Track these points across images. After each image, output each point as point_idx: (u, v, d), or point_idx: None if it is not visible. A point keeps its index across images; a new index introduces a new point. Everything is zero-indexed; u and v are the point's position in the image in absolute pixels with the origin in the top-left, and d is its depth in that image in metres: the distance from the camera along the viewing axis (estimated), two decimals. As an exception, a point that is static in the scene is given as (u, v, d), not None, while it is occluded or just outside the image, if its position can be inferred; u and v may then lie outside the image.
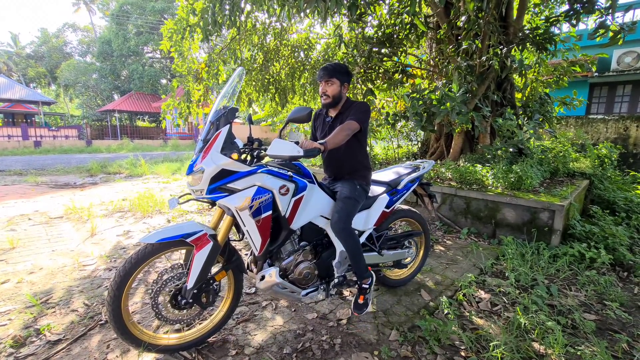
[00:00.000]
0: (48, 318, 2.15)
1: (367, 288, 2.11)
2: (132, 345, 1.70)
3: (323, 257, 2.08)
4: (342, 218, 1.97)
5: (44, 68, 34.67)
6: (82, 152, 16.75)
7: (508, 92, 5.52)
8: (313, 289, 2.03)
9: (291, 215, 1.86)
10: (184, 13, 4.82)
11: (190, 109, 5.61)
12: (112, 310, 1.59)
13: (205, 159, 1.63)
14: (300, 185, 1.87)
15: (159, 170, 8.92)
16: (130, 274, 1.61)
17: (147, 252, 1.64)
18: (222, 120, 1.71)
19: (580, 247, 3.16)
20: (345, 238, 1.99)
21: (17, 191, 6.30)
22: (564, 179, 4.69)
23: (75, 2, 35.96)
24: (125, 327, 1.64)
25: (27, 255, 3.17)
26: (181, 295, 1.71)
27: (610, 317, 2.28)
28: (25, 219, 4.43)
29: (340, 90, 2.10)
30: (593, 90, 10.70)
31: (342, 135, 1.90)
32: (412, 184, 2.54)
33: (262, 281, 1.86)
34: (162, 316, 1.72)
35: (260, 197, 1.71)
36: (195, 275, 1.67)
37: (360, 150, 2.20)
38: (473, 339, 1.98)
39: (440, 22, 5.18)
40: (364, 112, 2.05)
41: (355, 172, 2.18)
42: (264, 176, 1.75)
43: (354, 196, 2.06)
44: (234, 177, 1.68)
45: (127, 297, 1.64)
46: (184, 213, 4.81)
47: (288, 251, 1.97)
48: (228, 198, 1.68)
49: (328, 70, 2.08)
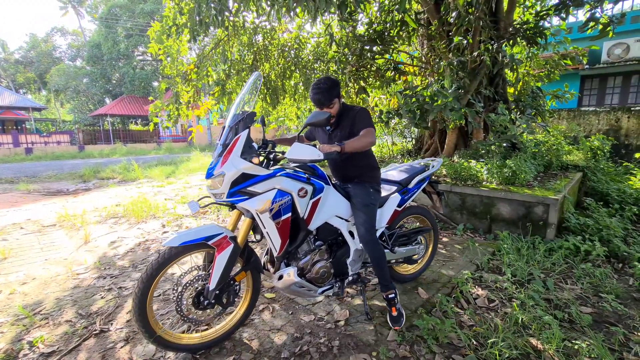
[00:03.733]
0: (41, 330, 2.12)
1: (393, 298, 2.13)
2: (160, 347, 1.76)
3: (337, 255, 2.13)
4: (369, 229, 2.03)
5: (34, 73, 34.22)
6: (74, 157, 16.57)
7: (500, 87, 5.53)
8: (329, 287, 2.09)
9: (309, 217, 1.90)
10: (170, 13, 4.77)
11: (180, 110, 5.55)
12: (139, 315, 1.64)
13: (226, 163, 1.66)
14: (317, 187, 1.92)
15: (152, 174, 8.85)
16: (154, 278, 1.65)
17: (172, 255, 1.67)
18: (240, 124, 1.74)
19: (575, 240, 3.18)
20: (372, 248, 2.05)
21: (9, 200, 6.21)
22: (557, 172, 4.71)
23: (62, 6, 35.38)
24: (152, 330, 1.69)
25: (19, 265, 3.12)
26: (203, 296, 1.76)
27: (607, 310, 2.29)
28: (17, 228, 4.36)
29: (340, 104, 2.09)
30: (584, 83, 10.77)
31: (366, 142, 1.90)
32: (423, 182, 2.56)
33: (280, 280, 1.91)
34: (185, 317, 1.77)
35: (280, 200, 1.75)
36: (217, 276, 1.72)
37: (368, 152, 2.20)
38: (471, 336, 1.98)
39: (431, 18, 5.17)
40: (369, 117, 2.06)
41: (364, 173, 2.18)
42: (283, 179, 1.79)
43: (371, 202, 2.09)
44: (254, 181, 1.71)
45: (151, 300, 1.68)
46: (178, 217, 4.77)
47: (305, 251, 2.01)
48: (249, 201, 1.70)
49: (325, 95, 1.94)
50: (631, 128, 7.15)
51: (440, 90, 4.17)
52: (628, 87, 10.21)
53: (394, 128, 6.82)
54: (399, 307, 2.13)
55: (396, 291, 2.19)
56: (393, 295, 2.13)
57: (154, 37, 5.21)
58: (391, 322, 2.10)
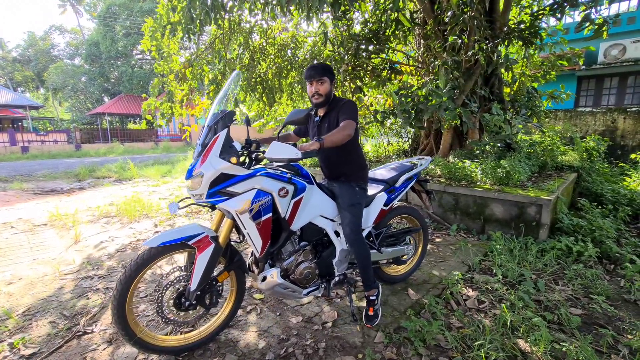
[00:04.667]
0: (24, 331, 2.08)
1: (374, 299, 2.14)
2: (141, 349, 1.73)
3: (323, 256, 2.10)
4: (354, 229, 2.01)
5: (32, 72, 34.08)
6: (70, 156, 16.48)
7: (496, 87, 5.52)
8: (314, 288, 2.06)
9: (291, 217, 1.87)
10: (163, 11, 4.73)
11: (174, 109, 5.51)
12: (117, 317, 1.60)
13: (204, 163, 1.63)
14: (299, 186, 1.88)
15: (148, 174, 8.80)
16: (132, 279, 1.62)
17: (151, 255, 1.65)
18: (219, 124, 1.71)
19: (568, 240, 3.16)
20: (358, 248, 2.04)
21: (1, 198, 6.16)
22: (552, 172, 4.70)
23: (61, 4, 35.36)
24: (132, 332, 1.65)
25: (6, 265, 3.09)
26: (185, 297, 1.73)
27: (596, 312, 2.27)
28: (7, 227, 4.32)
29: (331, 88, 2.08)
30: (581, 83, 10.78)
31: (343, 134, 1.86)
32: (410, 181, 2.54)
33: (263, 282, 1.88)
34: (166, 318, 1.74)
35: (260, 200, 1.72)
36: (198, 277, 1.69)
37: (355, 149, 2.17)
38: (458, 338, 1.96)
39: (427, 17, 5.15)
40: (355, 110, 2.03)
41: (351, 172, 2.15)
42: (263, 179, 1.75)
43: (356, 202, 2.07)
44: (233, 181, 1.69)
45: (131, 302, 1.65)
46: (171, 217, 4.74)
47: (288, 252, 1.98)
48: (228, 202, 1.68)
49: (318, 69, 2.03)
50: (627, 129, 7.15)
51: (434, 90, 4.15)
52: (624, 88, 10.22)
53: (391, 128, 6.80)
54: (376, 308, 2.13)
55: (379, 292, 2.18)
56: (374, 297, 2.13)
57: (147, 33, 5.18)
58: (366, 320, 2.10)
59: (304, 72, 2.11)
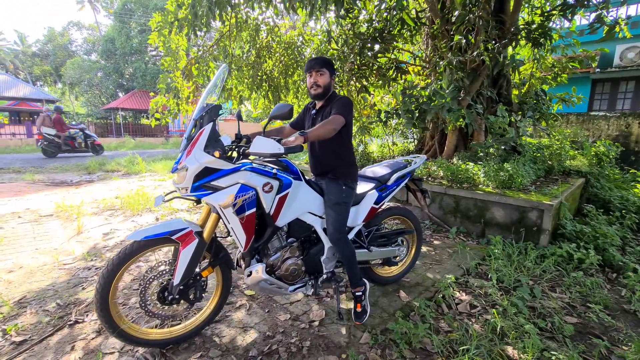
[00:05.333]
0: (19, 318, 2.14)
1: (361, 295, 2.13)
2: (124, 341, 1.74)
3: (311, 253, 2.09)
4: (338, 228, 2.00)
5: (50, 66, 34.97)
6: (84, 149, 16.82)
7: (504, 88, 5.41)
8: (301, 285, 2.05)
9: (276, 213, 1.86)
10: (172, 7, 4.78)
11: (180, 106, 5.57)
12: (101, 310, 1.63)
13: (189, 157, 1.65)
14: (284, 182, 1.87)
15: (156, 168, 8.94)
16: (115, 272, 1.64)
17: (133, 249, 1.66)
18: (205, 118, 1.71)
19: (569, 247, 3.08)
20: (342, 247, 2.03)
21: (13, 189, 6.34)
22: (559, 177, 4.59)
23: (79, 0, 36.16)
24: (115, 324, 1.67)
25: (9, 254, 3.17)
26: (168, 291, 1.75)
27: (592, 321, 2.21)
28: (15, 217, 4.44)
29: (330, 81, 2.08)
30: (595, 87, 10.48)
31: (327, 129, 1.85)
32: (402, 179, 2.50)
33: (249, 277, 1.88)
34: (149, 311, 1.76)
35: (244, 195, 1.71)
36: (182, 271, 1.70)
37: (344, 146, 2.14)
38: (445, 342, 1.93)
39: (434, 17, 5.08)
40: (347, 107, 2.01)
41: (339, 169, 2.13)
42: (247, 174, 1.75)
43: (342, 200, 2.04)
44: (217, 175, 1.69)
45: (114, 295, 1.67)
46: (174, 211, 4.80)
47: (275, 247, 1.98)
48: (212, 196, 1.68)
49: (319, 60, 2.05)
50: (642, 134, 6.93)
51: (437, 90, 4.09)
52: (642, 92, 9.90)
53: (396, 128, 6.74)
54: (364, 304, 2.12)
55: (366, 288, 2.16)
56: (360, 293, 2.12)
57: (155, 27, 5.25)
58: (354, 317, 2.10)
59: (305, 65, 2.12)
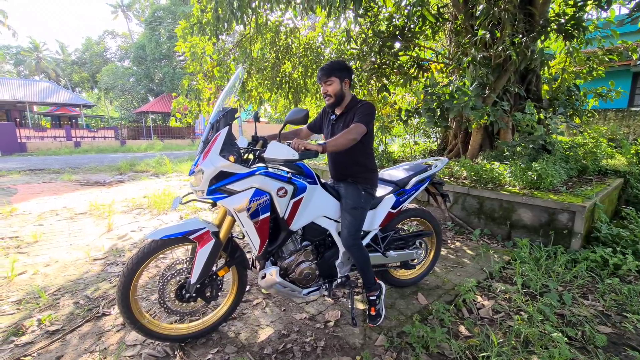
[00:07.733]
0: (52, 309, 2.28)
1: (375, 299, 2.11)
2: (145, 336, 1.81)
3: (325, 257, 2.07)
4: (352, 233, 1.98)
5: (87, 73, 37.15)
6: (116, 151, 17.76)
7: (533, 84, 5.16)
8: (315, 289, 2.05)
9: (290, 217, 1.86)
10: (197, 12, 4.94)
11: (201, 107, 5.74)
12: (122, 307, 1.70)
13: (205, 160, 1.67)
14: (299, 187, 1.86)
15: (182, 169, 9.26)
16: (135, 270, 1.70)
17: (152, 248, 1.72)
18: (221, 121, 1.73)
19: (604, 251, 2.88)
20: (356, 253, 2.01)
21: (52, 188, 6.78)
22: (594, 177, 4.31)
23: (113, 10, 38.15)
24: (135, 319, 1.74)
25: (47, 249, 3.39)
26: (185, 289, 1.80)
27: (629, 331, 2.06)
28: (53, 214, 4.74)
29: (341, 87, 2.03)
30: (637, 80, 9.76)
31: (347, 139, 1.83)
32: (422, 184, 2.42)
33: (263, 279, 1.90)
34: (168, 308, 1.82)
35: (258, 199, 1.72)
36: (198, 270, 1.75)
37: (364, 152, 2.10)
38: (464, 348, 1.86)
39: (456, 11, 4.93)
40: (369, 114, 1.97)
41: (358, 174, 2.10)
42: (262, 178, 1.75)
43: (359, 205, 2.02)
44: (232, 179, 1.71)
45: (134, 292, 1.74)
46: (197, 210, 4.94)
47: (290, 251, 1.98)
48: (227, 199, 1.70)
49: (325, 70, 2.01)
50: (690, 131, 6.38)
51: (460, 88, 3.96)
52: (691, 85, 9.12)
53: (418, 127, 6.60)
54: (379, 307, 2.09)
55: (381, 292, 2.13)
56: (374, 297, 2.09)
57: (180, 34, 5.44)
58: (368, 319, 2.08)
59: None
